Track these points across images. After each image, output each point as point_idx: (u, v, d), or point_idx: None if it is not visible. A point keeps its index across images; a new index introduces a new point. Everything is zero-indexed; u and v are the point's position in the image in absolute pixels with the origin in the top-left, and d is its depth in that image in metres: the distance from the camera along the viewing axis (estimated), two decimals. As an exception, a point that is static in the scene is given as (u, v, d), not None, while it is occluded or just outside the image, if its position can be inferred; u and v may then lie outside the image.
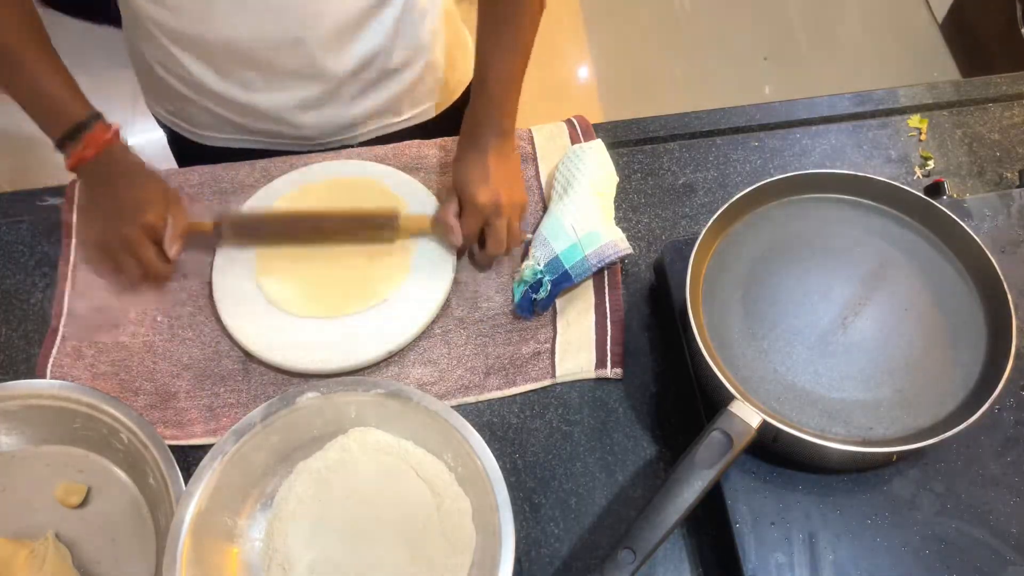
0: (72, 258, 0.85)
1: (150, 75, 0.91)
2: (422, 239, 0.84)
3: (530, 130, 0.93)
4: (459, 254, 0.84)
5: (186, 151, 0.99)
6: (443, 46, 0.95)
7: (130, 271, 0.79)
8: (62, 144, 0.77)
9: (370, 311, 0.80)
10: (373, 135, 0.98)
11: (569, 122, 0.94)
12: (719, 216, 0.72)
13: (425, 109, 1.00)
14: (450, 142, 0.92)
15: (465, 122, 0.82)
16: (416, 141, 0.93)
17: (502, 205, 0.79)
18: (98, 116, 0.78)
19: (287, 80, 0.86)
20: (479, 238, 0.81)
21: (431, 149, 0.92)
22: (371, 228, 0.83)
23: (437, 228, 0.82)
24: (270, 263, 0.83)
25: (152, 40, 0.84)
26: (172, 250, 0.79)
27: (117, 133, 0.78)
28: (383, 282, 0.81)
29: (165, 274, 0.81)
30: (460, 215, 0.80)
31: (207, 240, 0.83)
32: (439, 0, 0.92)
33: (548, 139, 0.93)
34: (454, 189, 0.81)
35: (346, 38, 0.84)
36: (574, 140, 0.92)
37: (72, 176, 0.90)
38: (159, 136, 1.03)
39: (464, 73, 1.02)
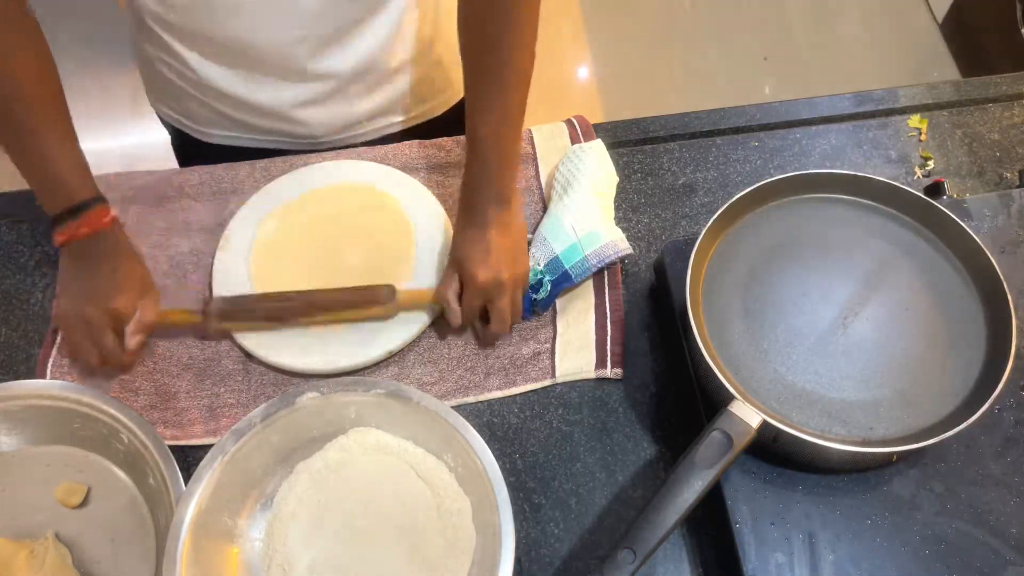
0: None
1: (153, 72, 0.91)
2: (421, 240, 0.84)
3: (530, 130, 0.93)
4: (460, 332, 0.81)
5: (189, 149, 0.99)
6: (446, 44, 0.95)
7: (87, 354, 0.76)
8: (58, 220, 0.74)
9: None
10: (377, 134, 0.97)
11: (569, 122, 0.94)
12: (719, 216, 0.72)
13: (429, 108, 1.00)
14: (450, 142, 0.92)
15: (462, 192, 0.79)
16: (416, 141, 0.93)
17: (504, 283, 0.75)
18: (101, 199, 0.75)
19: (290, 78, 0.86)
20: (483, 314, 0.78)
21: (431, 149, 0.92)
22: (363, 307, 0.78)
23: (437, 304, 0.79)
24: (267, 271, 0.83)
25: (155, 37, 0.84)
26: (131, 341, 0.76)
27: (115, 219, 0.76)
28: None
29: (121, 363, 0.77)
30: (461, 293, 0.77)
31: (195, 330, 0.81)
32: None
33: (548, 139, 0.93)
34: (453, 266, 0.77)
35: (349, 35, 0.84)
36: (574, 140, 0.92)
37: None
38: (158, 137, 1.03)
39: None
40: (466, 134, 0.76)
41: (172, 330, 0.80)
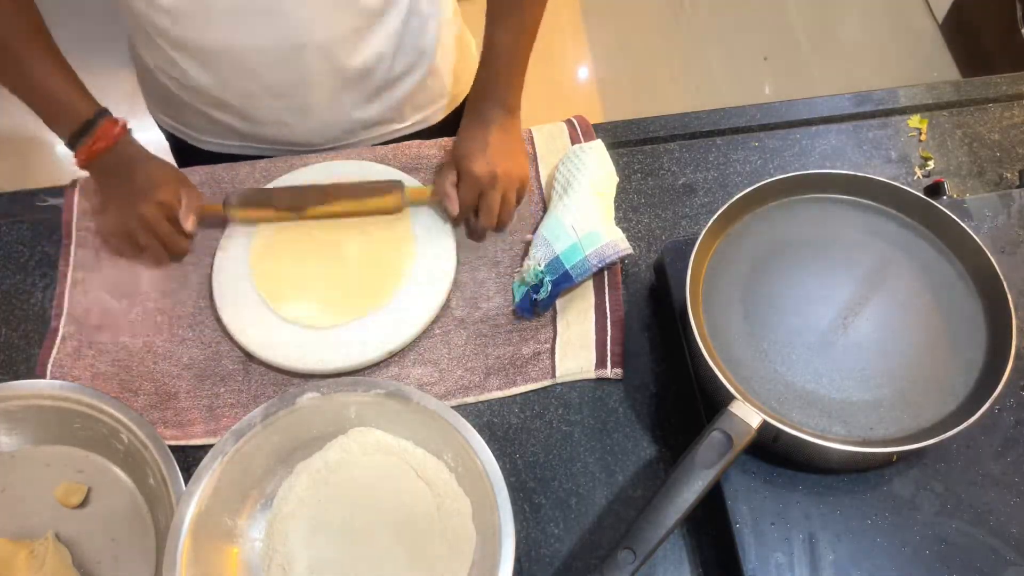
0: (72, 258, 0.85)
1: (152, 81, 0.91)
2: (421, 246, 0.84)
3: (530, 130, 0.93)
4: (456, 224, 0.85)
5: (187, 157, 0.99)
6: (446, 52, 0.95)
7: (152, 249, 0.82)
8: (72, 142, 0.78)
9: (370, 314, 0.80)
10: (375, 141, 0.97)
11: (569, 122, 0.94)
12: (719, 216, 0.72)
13: (428, 115, 1.00)
14: (450, 142, 0.92)
15: (470, 97, 0.84)
16: (416, 141, 0.93)
17: (498, 177, 0.80)
18: (105, 112, 0.79)
19: (288, 86, 0.86)
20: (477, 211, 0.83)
21: (431, 149, 0.92)
22: (375, 195, 0.84)
23: (435, 197, 0.83)
24: (267, 272, 0.83)
25: (153, 46, 0.84)
26: (187, 223, 0.81)
27: (125, 126, 0.81)
28: (382, 289, 0.81)
29: (183, 248, 0.84)
30: (458, 185, 0.82)
31: (217, 220, 0.85)
32: (442, 6, 0.92)
33: (548, 139, 0.93)
34: (452, 160, 0.83)
35: (348, 45, 0.84)
36: (574, 140, 0.92)
37: (72, 176, 0.90)
38: (157, 137, 1.03)
39: (468, 79, 1.02)
40: (483, 41, 0.82)
41: (209, 220, 0.86)
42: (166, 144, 1.04)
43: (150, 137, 0.93)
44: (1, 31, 0.75)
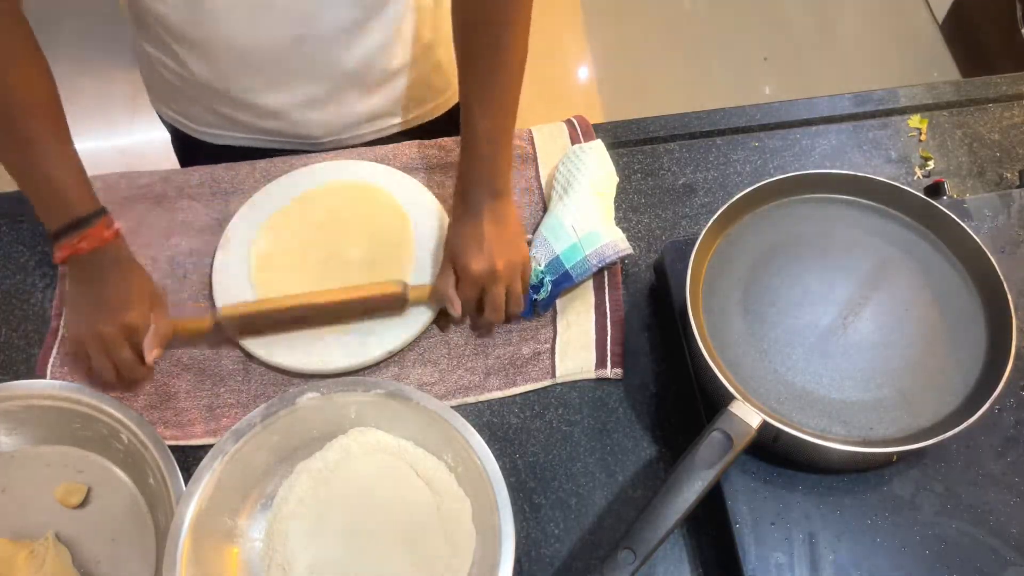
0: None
1: (153, 73, 0.91)
2: (421, 237, 0.84)
3: (530, 130, 0.93)
4: (460, 323, 0.81)
5: (189, 149, 0.99)
6: (446, 46, 0.95)
7: (104, 372, 0.74)
8: (58, 234, 0.72)
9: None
10: (375, 135, 0.97)
11: (569, 122, 0.94)
12: (719, 216, 0.72)
13: (428, 110, 1.00)
14: (450, 142, 0.92)
15: (457, 186, 0.79)
16: (416, 141, 0.93)
17: (498, 272, 0.75)
18: (102, 213, 0.73)
19: (289, 79, 0.86)
20: (479, 305, 0.78)
21: (431, 149, 0.92)
22: (377, 308, 0.79)
23: (435, 298, 0.79)
24: (268, 272, 0.83)
25: (155, 38, 0.84)
26: (150, 355, 0.74)
27: (118, 232, 0.74)
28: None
29: (140, 378, 0.77)
30: (457, 285, 0.77)
31: (206, 341, 0.80)
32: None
33: (548, 139, 0.93)
34: (449, 258, 0.78)
35: (347, 37, 0.84)
36: (574, 140, 0.92)
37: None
38: (158, 137, 1.03)
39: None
40: (461, 128, 0.77)
41: (184, 341, 0.80)
42: (166, 142, 1.04)
43: (151, 137, 0.93)
44: (10, 102, 0.68)
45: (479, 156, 0.76)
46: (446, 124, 1.01)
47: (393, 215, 0.86)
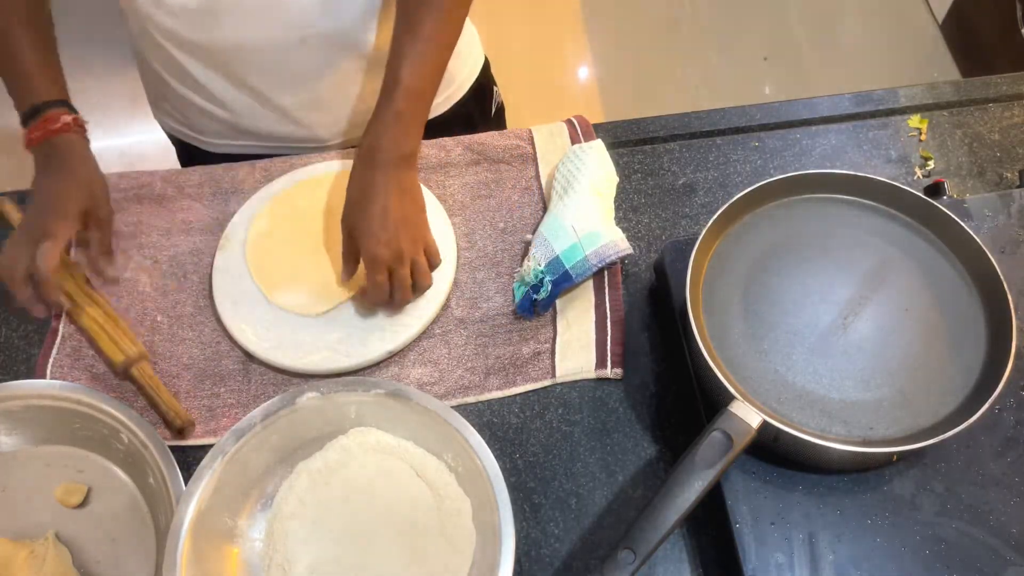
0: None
1: (157, 85, 0.91)
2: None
3: (530, 130, 0.93)
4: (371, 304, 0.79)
5: (194, 160, 0.99)
6: None
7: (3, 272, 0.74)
8: (24, 122, 0.75)
9: (371, 308, 0.80)
10: None
11: (569, 122, 0.94)
12: (719, 216, 0.72)
13: (437, 104, 0.99)
14: (450, 142, 0.92)
15: (361, 146, 0.76)
16: (416, 141, 0.93)
17: (404, 253, 0.74)
18: (58, 104, 0.75)
19: (295, 80, 0.86)
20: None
21: (430, 149, 0.92)
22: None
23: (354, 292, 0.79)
24: (263, 263, 0.83)
25: (159, 49, 0.84)
26: (42, 261, 0.71)
27: (70, 125, 0.74)
28: None
29: (35, 301, 0.74)
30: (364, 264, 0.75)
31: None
32: None
33: (548, 139, 0.93)
34: (346, 230, 0.75)
35: (354, 33, 0.84)
36: (574, 140, 0.92)
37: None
38: (158, 137, 1.03)
39: (471, 67, 1.02)
40: (385, 77, 0.76)
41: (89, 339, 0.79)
42: (165, 143, 1.04)
43: (152, 138, 0.93)
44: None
45: (395, 113, 0.74)
46: (449, 121, 1.00)
47: None
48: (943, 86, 0.97)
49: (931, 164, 0.91)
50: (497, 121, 1.15)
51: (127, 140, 2.15)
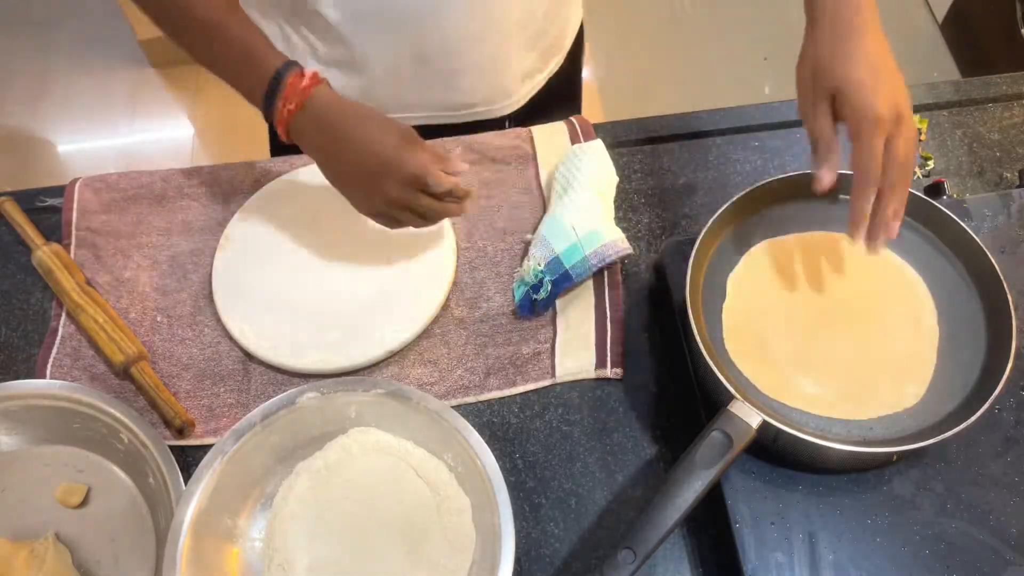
0: (72, 258, 0.85)
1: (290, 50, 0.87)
2: (420, 246, 0.84)
3: (530, 130, 0.93)
4: (861, 208, 0.60)
5: None
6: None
7: (419, 223, 0.72)
8: (268, 103, 0.67)
9: (371, 309, 0.80)
10: (526, 97, 0.97)
11: (569, 122, 0.94)
12: (719, 216, 0.72)
13: (559, 59, 0.99)
14: (450, 142, 0.92)
15: (812, 16, 0.64)
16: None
17: (904, 113, 0.57)
18: (292, 64, 0.67)
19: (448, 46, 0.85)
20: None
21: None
22: None
23: (817, 144, 0.62)
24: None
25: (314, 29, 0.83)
26: (447, 183, 0.67)
27: (315, 76, 0.67)
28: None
29: (457, 211, 0.72)
30: (850, 133, 0.59)
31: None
32: None
33: (548, 139, 0.93)
34: (821, 96, 0.60)
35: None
36: (574, 140, 0.92)
37: (71, 176, 0.90)
38: (158, 137, 1.02)
39: (573, 25, 1.02)
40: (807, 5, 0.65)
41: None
42: (173, 138, 1.02)
43: (152, 138, 0.93)
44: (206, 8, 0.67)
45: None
46: (564, 82, 0.99)
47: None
48: (943, 86, 0.97)
49: (931, 164, 0.91)
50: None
51: (127, 140, 2.15)
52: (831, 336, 0.68)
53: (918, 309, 0.69)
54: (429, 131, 0.86)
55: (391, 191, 0.68)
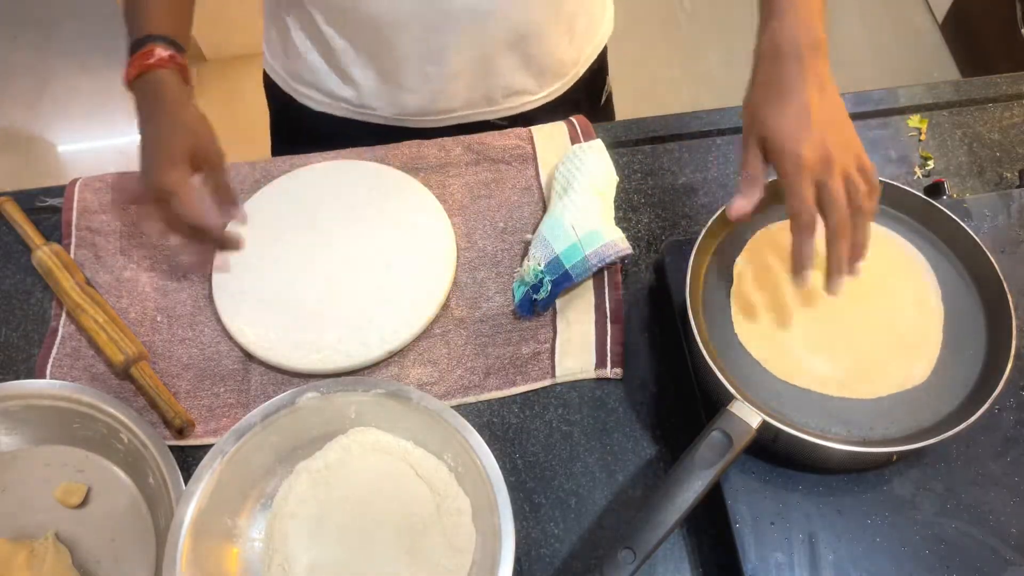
0: (72, 258, 0.85)
1: (287, 48, 0.92)
2: (420, 246, 0.84)
3: (529, 130, 0.93)
4: (803, 242, 0.61)
5: (286, 114, 1.01)
6: (587, 8, 0.96)
7: (159, 235, 0.71)
8: (128, 62, 0.70)
9: (371, 309, 0.80)
10: (511, 111, 0.98)
11: (569, 122, 0.94)
12: (719, 216, 0.72)
13: (563, 84, 0.99)
14: (449, 142, 0.92)
15: (761, 43, 0.65)
16: (416, 141, 0.93)
17: (833, 159, 0.58)
18: (163, 39, 0.70)
19: (443, 51, 0.87)
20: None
21: (431, 149, 0.92)
22: None
23: (747, 190, 0.63)
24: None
25: (308, 23, 0.85)
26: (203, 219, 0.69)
27: (165, 60, 0.68)
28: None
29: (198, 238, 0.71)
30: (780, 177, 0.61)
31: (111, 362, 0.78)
32: None
33: (548, 139, 0.93)
34: (755, 143, 0.61)
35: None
36: (574, 140, 0.92)
37: (71, 176, 0.90)
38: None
39: (596, 44, 1.03)
40: None
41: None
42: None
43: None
44: None
45: (791, 2, 0.63)
46: (564, 106, 1.00)
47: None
48: (943, 86, 0.97)
49: (931, 164, 0.91)
50: (605, 111, 1.13)
51: (127, 140, 2.14)
52: (839, 316, 0.69)
53: (922, 289, 0.70)
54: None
55: (141, 188, 0.70)
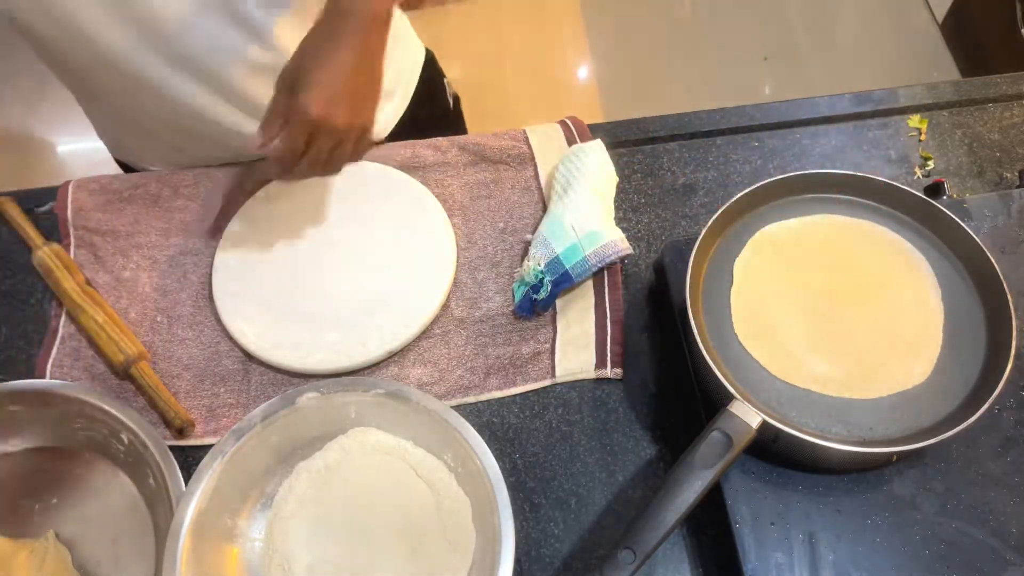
0: (71, 258, 0.85)
1: (107, 126, 0.89)
2: (420, 245, 0.84)
3: (524, 131, 0.93)
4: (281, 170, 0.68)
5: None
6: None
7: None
8: None
9: (371, 309, 0.80)
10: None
11: (563, 123, 0.94)
12: (719, 216, 0.72)
13: (384, 122, 0.98)
14: (444, 142, 0.92)
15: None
16: (410, 142, 0.92)
17: (338, 125, 0.63)
18: None
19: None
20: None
21: (425, 150, 0.92)
22: None
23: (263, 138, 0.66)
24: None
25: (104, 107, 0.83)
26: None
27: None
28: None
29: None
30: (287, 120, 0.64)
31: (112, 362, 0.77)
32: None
33: (544, 139, 0.93)
34: (285, 81, 0.63)
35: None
36: (569, 141, 0.92)
37: (65, 177, 0.90)
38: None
39: (410, 70, 1.00)
40: None
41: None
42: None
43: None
44: None
45: None
46: (402, 132, 0.98)
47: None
48: (943, 86, 0.97)
49: (931, 164, 0.91)
50: (457, 117, 1.11)
51: (127, 140, 2.15)
52: (839, 316, 0.69)
53: (923, 289, 0.70)
54: None
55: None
